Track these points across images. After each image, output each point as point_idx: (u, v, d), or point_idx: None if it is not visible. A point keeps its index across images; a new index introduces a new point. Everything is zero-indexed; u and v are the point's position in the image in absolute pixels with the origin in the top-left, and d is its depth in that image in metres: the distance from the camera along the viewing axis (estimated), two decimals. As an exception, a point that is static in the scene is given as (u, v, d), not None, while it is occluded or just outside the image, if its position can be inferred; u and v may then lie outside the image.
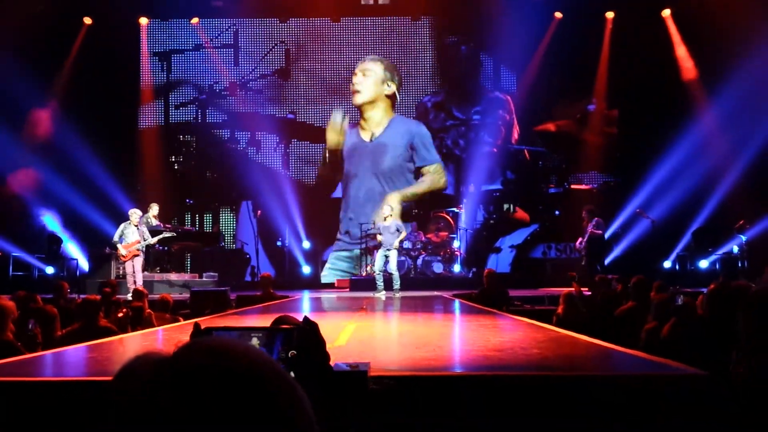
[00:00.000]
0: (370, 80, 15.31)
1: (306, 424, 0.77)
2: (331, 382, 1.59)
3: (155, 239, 12.29)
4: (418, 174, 15.67)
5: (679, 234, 14.51)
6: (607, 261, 14.02)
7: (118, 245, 11.80)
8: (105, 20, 15.65)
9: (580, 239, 13.68)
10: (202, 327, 1.62)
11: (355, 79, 15.48)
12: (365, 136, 15.37)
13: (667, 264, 14.45)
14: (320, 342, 1.57)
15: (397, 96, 15.78)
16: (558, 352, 3.35)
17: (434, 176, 15.37)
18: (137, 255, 11.84)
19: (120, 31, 15.79)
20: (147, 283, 11.51)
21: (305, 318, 1.60)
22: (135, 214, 12.13)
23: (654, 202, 14.58)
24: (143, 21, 16.44)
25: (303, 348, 1.51)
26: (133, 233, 11.87)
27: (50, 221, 14.94)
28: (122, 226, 11.96)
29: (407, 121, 15.90)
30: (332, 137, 15.60)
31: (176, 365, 0.75)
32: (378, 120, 15.45)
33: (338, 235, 15.71)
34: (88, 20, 15.85)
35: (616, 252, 14.76)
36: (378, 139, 15.29)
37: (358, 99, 15.44)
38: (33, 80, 14.11)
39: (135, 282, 11.46)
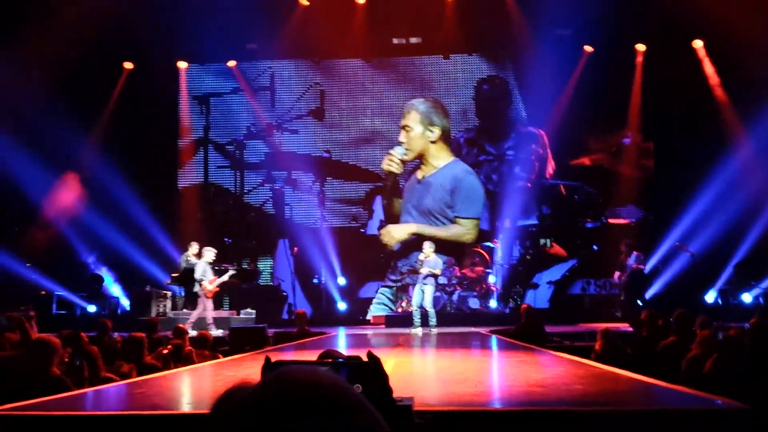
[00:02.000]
0: (412, 135, 15.01)
1: None
2: (392, 416, 1.62)
3: (227, 276, 12.50)
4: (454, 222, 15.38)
5: (720, 267, 14.23)
6: (647, 296, 13.81)
7: (203, 282, 11.99)
8: (145, 65, 16.21)
9: (617, 273, 13.52)
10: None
11: (401, 137, 15.10)
12: (419, 175, 15.36)
13: (709, 298, 14.15)
14: (384, 376, 1.61)
15: (447, 133, 15.49)
16: (600, 388, 3.34)
17: (462, 229, 15.08)
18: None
19: (160, 75, 16.32)
20: (185, 321, 11.65)
21: (369, 352, 1.63)
22: (210, 252, 12.40)
23: (694, 235, 14.33)
24: (182, 65, 16.97)
25: (369, 381, 1.54)
26: (209, 271, 12.13)
27: (98, 266, 15.26)
28: (203, 263, 12.15)
29: (457, 167, 15.41)
30: (388, 164, 15.17)
31: (275, 395, 0.80)
32: (435, 163, 15.36)
33: (388, 273, 15.54)
34: (128, 65, 16.44)
35: (657, 286, 14.51)
36: (427, 179, 15.25)
37: (409, 155, 15.07)
38: (75, 121, 14.61)
39: (208, 318, 11.85)
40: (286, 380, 0.82)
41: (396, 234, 14.96)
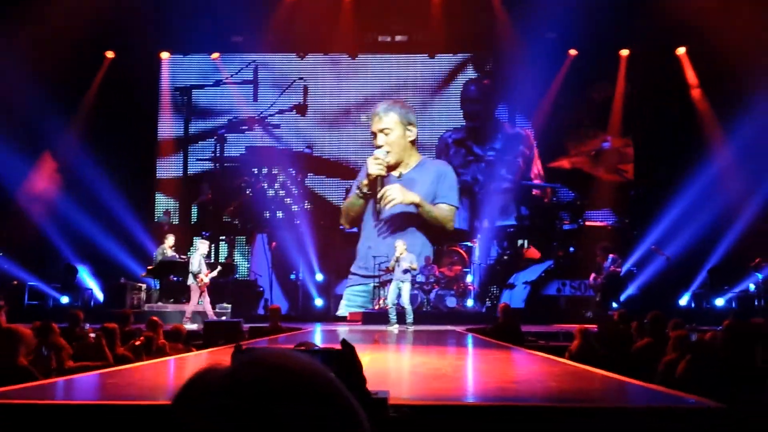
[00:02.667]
0: (394, 138, 14.89)
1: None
2: (367, 405, 1.61)
3: (216, 271, 12.52)
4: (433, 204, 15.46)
5: (694, 272, 14.42)
6: (622, 298, 13.94)
7: (200, 274, 11.94)
8: (127, 54, 16.01)
9: (593, 275, 13.63)
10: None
11: (379, 140, 14.84)
12: (396, 174, 15.29)
13: (682, 302, 14.32)
14: (358, 364, 1.59)
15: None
16: (575, 385, 3.35)
17: (448, 214, 15.22)
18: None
19: (141, 65, 16.13)
20: (159, 314, 11.57)
21: (343, 341, 1.62)
22: (204, 244, 12.50)
23: (669, 239, 14.50)
24: (164, 55, 16.79)
25: (342, 369, 1.52)
26: (204, 263, 12.14)
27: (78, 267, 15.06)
28: (198, 256, 12.13)
29: (436, 162, 15.78)
30: (376, 168, 15.06)
31: (243, 376, 0.78)
32: (410, 161, 15.37)
33: (352, 269, 15.54)
34: (110, 54, 16.23)
35: (632, 289, 14.65)
36: (408, 175, 15.24)
37: (391, 159, 14.88)
38: (54, 109, 14.42)
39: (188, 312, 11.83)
40: (259, 362, 0.80)
41: (406, 195, 14.63)
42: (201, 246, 12.43)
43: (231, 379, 0.78)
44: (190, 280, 12.09)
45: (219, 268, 12.85)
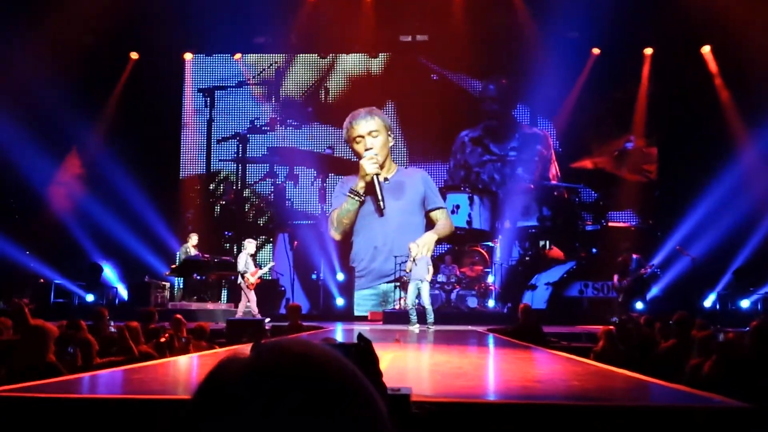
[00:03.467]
0: (380, 142, 14.58)
1: (384, 421, 0.80)
2: (384, 396, 1.62)
3: (266, 269, 12.80)
4: (428, 218, 15.25)
5: (720, 273, 14.22)
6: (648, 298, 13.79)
7: (247, 274, 12.07)
8: (151, 55, 16.19)
9: (616, 277, 13.48)
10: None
11: (367, 142, 14.50)
12: (380, 177, 15.12)
13: (707, 303, 14.14)
14: (375, 359, 1.60)
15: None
16: (598, 384, 3.33)
17: (446, 220, 15.01)
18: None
19: (165, 65, 16.31)
20: (183, 312, 11.68)
21: (359, 335, 1.63)
22: (251, 244, 12.59)
23: (694, 239, 14.32)
24: (188, 56, 16.96)
25: (359, 364, 1.54)
26: (251, 262, 12.27)
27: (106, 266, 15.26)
28: (245, 255, 12.28)
29: (411, 168, 15.70)
30: (373, 167, 15.04)
31: (264, 364, 0.79)
32: (387, 167, 15.12)
33: (357, 272, 15.35)
34: (134, 55, 16.43)
35: (655, 290, 14.50)
36: (393, 179, 15.07)
37: (379, 159, 14.53)
38: (80, 109, 14.61)
39: (253, 310, 12.03)
40: (279, 351, 0.80)
41: (425, 243, 13.66)
42: (248, 245, 12.54)
43: (252, 367, 0.78)
44: (239, 280, 12.21)
45: (271, 264, 13.04)
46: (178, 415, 0.79)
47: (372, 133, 14.67)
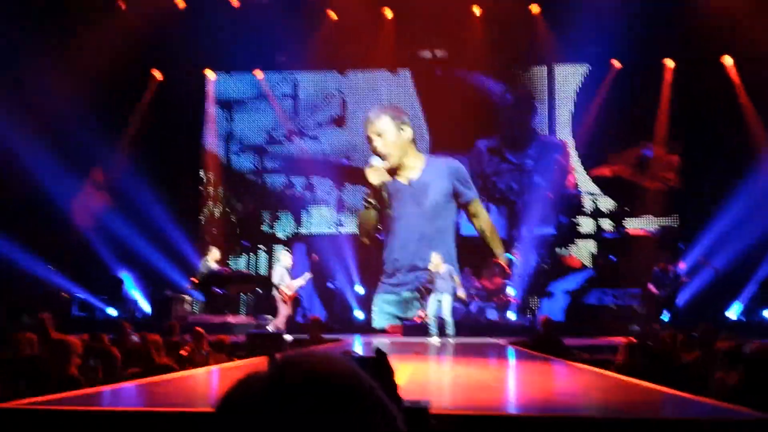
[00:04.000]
0: (389, 138, 14.83)
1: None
2: (400, 409, 1.61)
3: (303, 280, 12.64)
4: (465, 210, 15.41)
5: (743, 284, 14.01)
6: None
7: (281, 286, 12.07)
8: (174, 73, 16.43)
9: (651, 286, 13.12)
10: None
11: (374, 144, 14.84)
12: (404, 180, 15.26)
13: (731, 314, 13.92)
14: (391, 372, 1.60)
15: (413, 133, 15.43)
16: (621, 398, 3.28)
17: (484, 213, 15.07)
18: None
19: (187, 83, 16.53)
20: (204, 325, 11.70)
21: (377, 349, 1.63)
22: (286, 256, 12.58)
23: (717, 250, 14.12)
24: (210, 74, 17.18)
25: (376, 377, 1.54)
26: (287, 275, 12.24)
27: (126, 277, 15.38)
28: (280, 268, 12.27)
29: (441, 159, 15.57)
30: (376, 176, 15.07)
31: (283, 378, 0.80)
32: (412, 165, 15.31)
33: (382, 278, 15.51)
34: (158, 74, 16.67)
35: (677, 301, 14.29)
36: (417, 181, 15.19)
37: (392, 161, 14.89)
38: (103, 127, 14.79)
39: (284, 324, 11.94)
40: (297, 364, 0.82)
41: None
42: (283, 258, 12.50)
43: (271, 381, 0.79)
44: (273, 292, 12.22)
45: (308, 275, 12.85)
46: (199, 428, 0.80)
47: (378, 134, 14.75)
